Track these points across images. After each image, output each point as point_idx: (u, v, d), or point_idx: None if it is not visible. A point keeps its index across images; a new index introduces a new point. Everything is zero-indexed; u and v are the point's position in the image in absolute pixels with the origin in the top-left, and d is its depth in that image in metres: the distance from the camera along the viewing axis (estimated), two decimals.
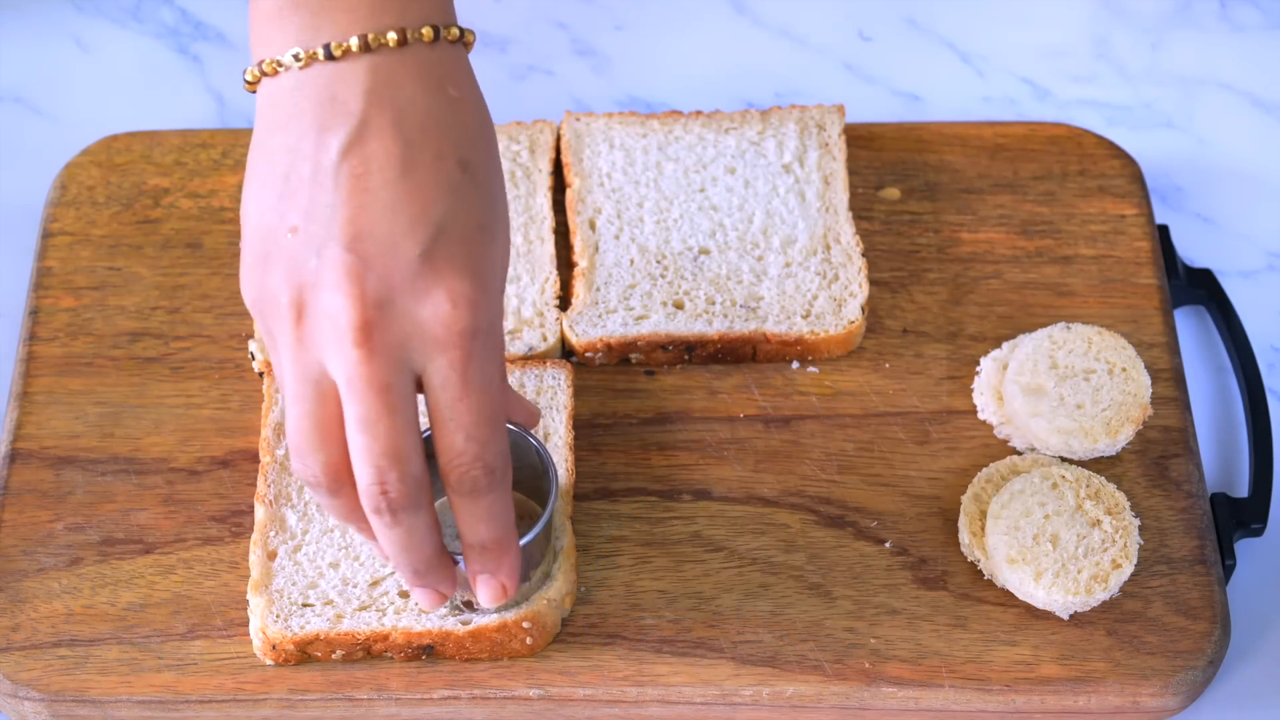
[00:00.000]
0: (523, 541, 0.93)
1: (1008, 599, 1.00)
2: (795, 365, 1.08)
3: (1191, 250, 1.16)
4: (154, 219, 1.13)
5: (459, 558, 0.91)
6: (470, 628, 0.96)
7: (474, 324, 0.84)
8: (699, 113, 1.15)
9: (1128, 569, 0.98)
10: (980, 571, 1.00)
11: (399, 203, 0.83)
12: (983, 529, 1.00)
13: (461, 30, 0.86)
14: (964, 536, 1.01)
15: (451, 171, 0.84)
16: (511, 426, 0.94)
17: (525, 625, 0.96)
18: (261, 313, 0.86)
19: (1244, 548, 1.04)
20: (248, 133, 1.16)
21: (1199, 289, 1.13)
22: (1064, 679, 0.97)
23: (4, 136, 1.21)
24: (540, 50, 1.26)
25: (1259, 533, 1.04)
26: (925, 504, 1.03)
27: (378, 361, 0.83)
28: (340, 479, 0.86)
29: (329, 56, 0.84)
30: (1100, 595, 0.98)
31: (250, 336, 1.08)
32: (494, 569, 0.91)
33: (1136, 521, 1.00)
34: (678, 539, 1.02)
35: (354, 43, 0.84)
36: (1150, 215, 1.13)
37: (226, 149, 1.15)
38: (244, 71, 0.86)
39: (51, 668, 0.98)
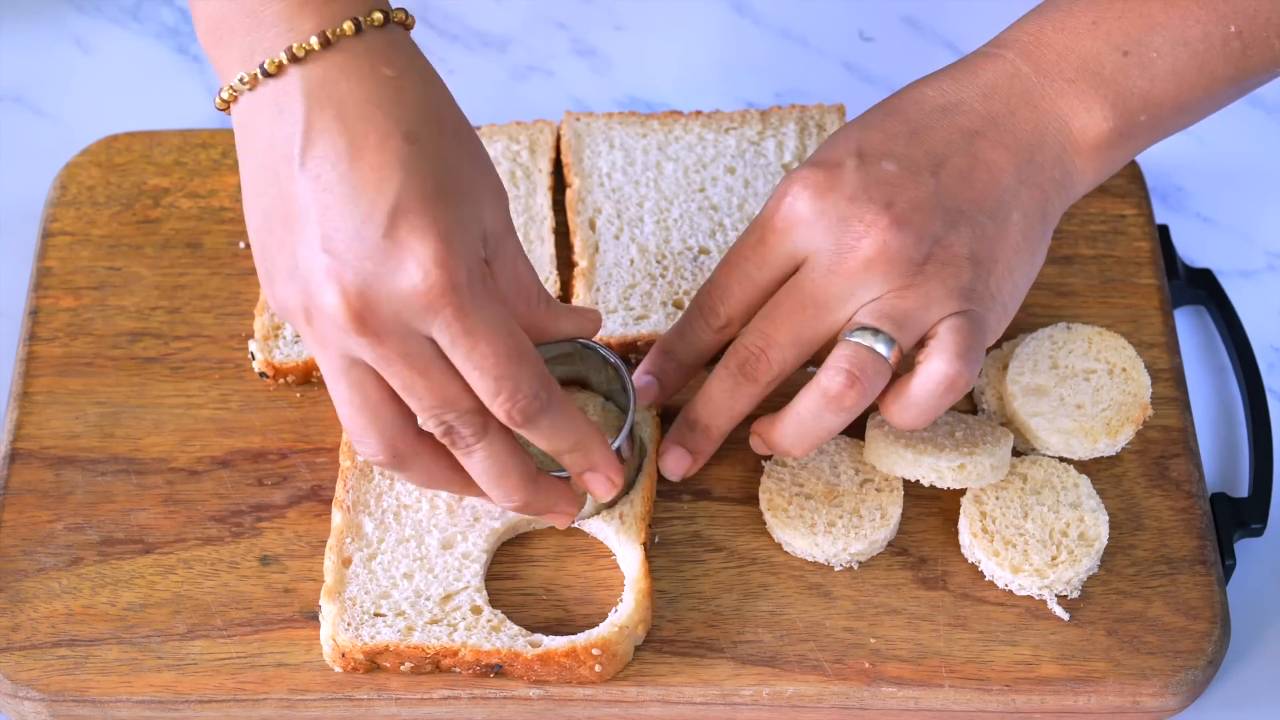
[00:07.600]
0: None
1: (1008, 599, 1.00)
2: None
3: (1191, 250, 1.16)
4: (154, 219, 1.13)
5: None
6: (539, 650, 0.96)
7: (450, 280, 0.87)
8: (699, 113, 1.15)
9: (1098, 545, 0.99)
10: (980, 572, 1.00)
11: (354, 192, 0.87)
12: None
13: (387, 13, 0.90)
14: (964, 537, 1.01)
15: (398, 148, 0.87)
16: (582, 342, 0.99)
17: (595, 653, 0.95)
18: (289, 322, 0.91)
19: (1244, 548, 1.04)
20: None
21: (1199, 289, 1.13)
22: (1064, 679, 0.97)
23: (4, 136, 1.21)
24: (540, 50, 1.26)
25: (1259, 533, 1.04)
26: (925, 504, 1.03)
27: (386, 341, 0.88)
28: (401, 451, 0.91)
29: (266, 75, 0.88)
30: (1068, 573, 0.98)
31: (250, 336, 1.08)
32: (589, 464, 0.95)
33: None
34: (678, 539, 1.02)
35: (283, 56, 0.88)
36: (1150, 215, 1.13)
37: (226, 149, 1.15)
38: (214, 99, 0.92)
39: (51, 668, 0.98)
